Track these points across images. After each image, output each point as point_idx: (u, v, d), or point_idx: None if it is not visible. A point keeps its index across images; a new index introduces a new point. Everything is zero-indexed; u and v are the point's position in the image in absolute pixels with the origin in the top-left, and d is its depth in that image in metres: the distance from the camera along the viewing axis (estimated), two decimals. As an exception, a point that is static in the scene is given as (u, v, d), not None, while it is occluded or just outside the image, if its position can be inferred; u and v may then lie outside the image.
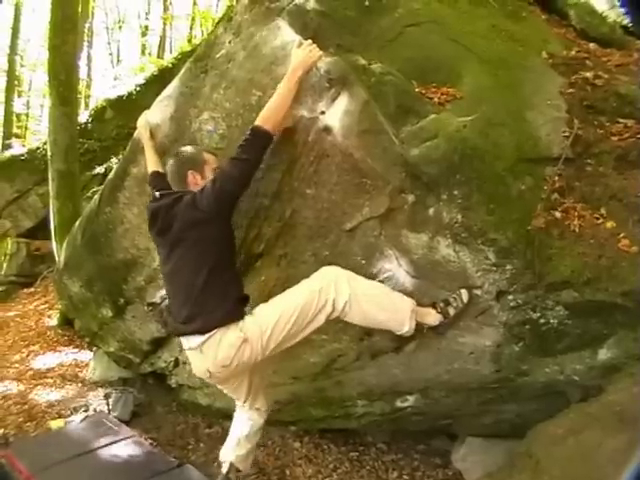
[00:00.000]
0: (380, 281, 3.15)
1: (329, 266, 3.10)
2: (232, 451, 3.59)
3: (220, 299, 3.02)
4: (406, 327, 3.05)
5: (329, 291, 2.99)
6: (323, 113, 3.01)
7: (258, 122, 2.95)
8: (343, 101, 2.98)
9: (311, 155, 3.11)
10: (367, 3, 3.43)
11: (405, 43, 3.36)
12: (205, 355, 3.03)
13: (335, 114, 2.99)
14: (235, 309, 3.07)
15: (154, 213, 3.21)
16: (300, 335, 3.09)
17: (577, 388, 3.19)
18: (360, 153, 2.97)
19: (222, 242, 3.10)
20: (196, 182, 3.17)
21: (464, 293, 3.04)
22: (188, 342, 3.09)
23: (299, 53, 3.03)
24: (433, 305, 3.12)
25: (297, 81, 3.00)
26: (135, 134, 3.93)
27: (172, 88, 3.71)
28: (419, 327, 3.10)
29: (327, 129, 3.02)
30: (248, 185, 3.05)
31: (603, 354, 3.03)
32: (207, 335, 2.98)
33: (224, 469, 3.54)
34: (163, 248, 3.23)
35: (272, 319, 3.01)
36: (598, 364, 3.05)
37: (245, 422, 3.62)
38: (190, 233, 3.03)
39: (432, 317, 3.10)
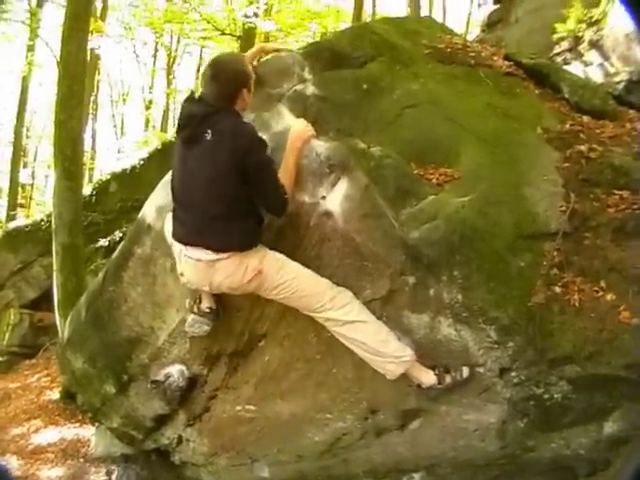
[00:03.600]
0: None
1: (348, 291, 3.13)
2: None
3: (240, 224, 3.03)
4: (391, 367, 3.08)
5: (335, 304, 3.05)
6: (324, 198, 3.10)
7: None
8: (343, 186, 3.07)
9: (313, 239, 3.18)
10: (365, 86, 3.55)
11: (403, 125, 3.47)
12: (215, 270, 3.04)
13: (336, 199, 3.08)
14: (254, 238, 3.09)
15: (187, 116, 3.10)
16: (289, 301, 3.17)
17: (584, 462, 3.16)
18: (361, 237, 3.04)
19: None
20: (244, 100, 3.10)
21: (465, 369, 3.07)
22: (195, 252, 3.06)
23: (296, 125, 3.17)
24: (433, 367, 3.13)
25: (298, 153, 3.13)
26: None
27: (176, 171, 3.78)
28: (411, 380, 3.15)
29: (328, 214, 3.10)
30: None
31: (609, 427, 3.02)
32: (222, 255, 3.00)
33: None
34: (186, 151, 3.11)
35: (290, 274, 3.06)
36: (604, 437, 3.03)
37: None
38: (226, 161, 2.95)
39: (427, 377, 3.12)
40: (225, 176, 2.96)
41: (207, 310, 3.53)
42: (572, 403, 2.98)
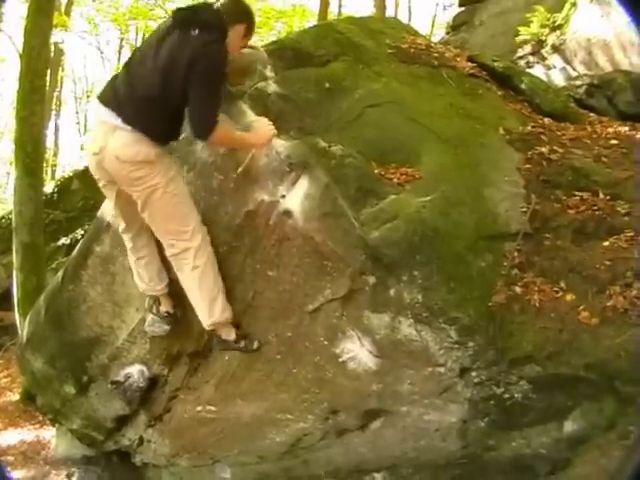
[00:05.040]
0: (343, 362, 3.16)
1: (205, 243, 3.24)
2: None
3: (163, 115, 3.11)
4: (207, 321, 3.31)
5: (195, 239, 3.17)
6: (284, 197, 3.09)
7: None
8: (303, 185, 3.05)
9: (272, 238, 3.17)
10: (327, 85, 3.54)
11: (365, 124, 3.46)
12: (113, 137, 3.08)
13: (296, 198, 3.07)
14: (162, 139, 3.16)
15: (196, 8, 3.24)
16: (159, 228, 3.27)
17: (544, 462, 3.17)
18: (321, 236, 3.03)
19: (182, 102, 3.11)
20: (234, 39, 3.18)
21: (256, 343, 3.34)
22: (106, 115, 3.12)
23: (260, 125, 3.17)
24: (237, 326, 3.38)
25: (257, 150, 3.19)
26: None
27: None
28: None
29: (288, 213, 3.09)
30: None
31: (569, 426, 3.03)
32: (126, 126, 3.05)
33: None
34: (168, 32, 3.16)
35: (176, 189, 3.16)
36: (564, 436, 3.04)
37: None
38: (190, 57, 3.01)
39: (229, 332, 3.38)
40: (181, 70, 3.02)
41: (165, 314, 3.56)
42: (532, 402, 3.00)
